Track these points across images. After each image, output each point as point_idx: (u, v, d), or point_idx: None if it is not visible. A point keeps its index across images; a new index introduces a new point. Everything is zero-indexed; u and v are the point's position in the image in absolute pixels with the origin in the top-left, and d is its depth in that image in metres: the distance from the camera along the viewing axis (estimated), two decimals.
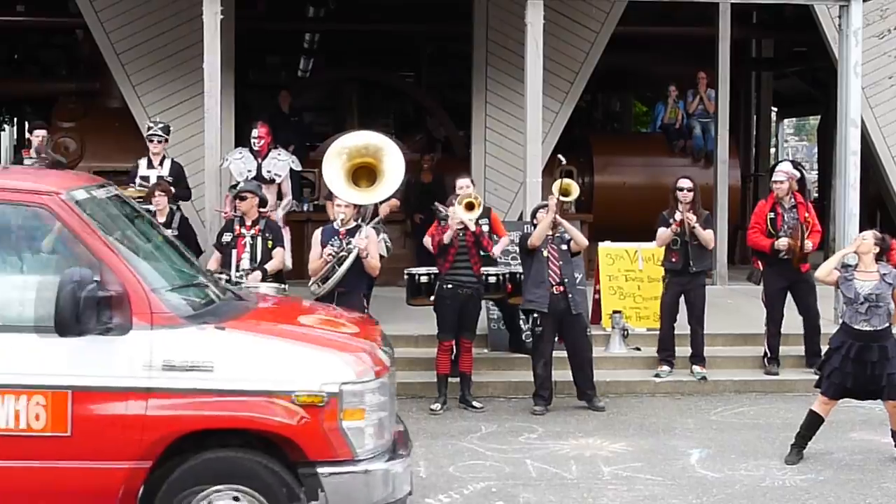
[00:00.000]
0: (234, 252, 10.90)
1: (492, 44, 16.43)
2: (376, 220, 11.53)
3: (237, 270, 10.56)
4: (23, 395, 6.00)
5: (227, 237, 11.02)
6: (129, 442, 6.05)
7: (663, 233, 11.67)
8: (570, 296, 10.75)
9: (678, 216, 11.53)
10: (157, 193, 11.75)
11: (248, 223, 11.03)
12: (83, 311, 5.84)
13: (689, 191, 11.59)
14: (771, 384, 11.83)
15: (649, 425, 10.41)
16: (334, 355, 6.37)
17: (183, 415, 6.08)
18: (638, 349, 12.45)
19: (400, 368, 8.46)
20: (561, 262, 10.75)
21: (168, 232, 8.95)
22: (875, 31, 16.53)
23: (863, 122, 13.93)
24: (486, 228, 11.25)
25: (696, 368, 11.82)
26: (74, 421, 6.02)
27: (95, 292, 5.89)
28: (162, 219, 11.43)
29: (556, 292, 10.69)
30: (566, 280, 10.74)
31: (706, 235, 11.60)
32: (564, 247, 10.84)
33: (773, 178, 12.05)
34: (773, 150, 29.10)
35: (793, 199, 11.88)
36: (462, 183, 11.23)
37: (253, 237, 10.97)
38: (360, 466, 6.23)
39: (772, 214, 11.81)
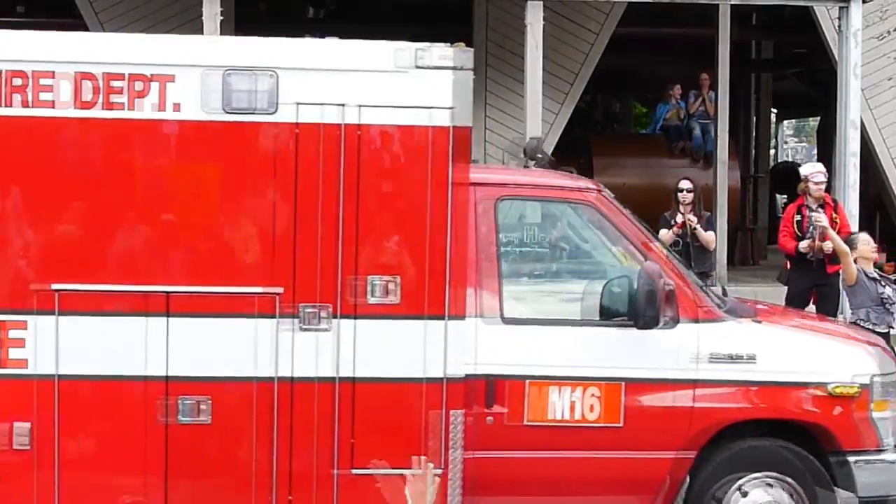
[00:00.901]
0: None
1: (491, 45, 16.41)
2: None
3: None
4: (578, 386, 6.19)
5: None
6: (677, 432, 6.27)
7: (664, 234, 11.63)
8: None
9: (679, 218, 11.52)
10: None
11: None
12: (659, 304, 6.04)
13: (689, 192, 11.59)
14: None
15: None
16: (861, 348, 6.70)
17: (728, 406, 6.33)
18: None
19: None
20: None
21: None
22: (875, 33, 16.52)
23: (862, 123, 13.93)
24: None
25: None
26: (626, 412, 6.23)
27: (666, 286, 6.10)
28: None
29: None
30: None
31: (707, 237, 11.58)
32: None
33: (812, 181, 11.56)
34: (772, 152, 29.11)
35: (821, 200, 11.75)
36: None
37: None
38: (887, 456, 6.50)
39: (798, 217, 11.66)
